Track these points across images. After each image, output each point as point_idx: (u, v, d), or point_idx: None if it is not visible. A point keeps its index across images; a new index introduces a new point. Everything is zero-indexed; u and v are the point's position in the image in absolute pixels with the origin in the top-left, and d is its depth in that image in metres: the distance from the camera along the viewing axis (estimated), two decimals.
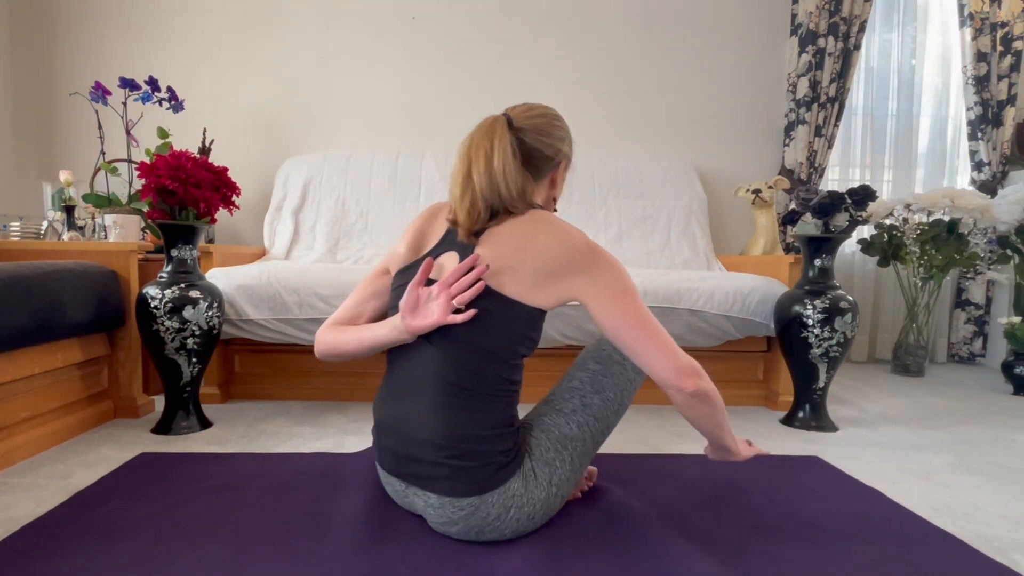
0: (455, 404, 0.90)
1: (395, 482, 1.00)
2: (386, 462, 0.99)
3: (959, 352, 2.98)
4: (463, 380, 0.91)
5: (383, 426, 0.98)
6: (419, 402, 0.92)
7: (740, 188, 2.50)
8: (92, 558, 0.89)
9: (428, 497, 0.94)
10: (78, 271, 1.49)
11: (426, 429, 0.91)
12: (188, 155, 1.49)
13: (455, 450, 0.89)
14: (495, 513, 0.92)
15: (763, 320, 1.86)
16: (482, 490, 0.90)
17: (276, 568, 0.88)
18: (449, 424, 0.90)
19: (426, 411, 0.91)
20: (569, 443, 0.97)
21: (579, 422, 0.99)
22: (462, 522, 0.93)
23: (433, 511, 0.95)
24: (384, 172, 2.52)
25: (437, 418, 0.91)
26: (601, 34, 2.76)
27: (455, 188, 0.95)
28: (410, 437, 0.93)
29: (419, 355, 0.94)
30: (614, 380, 1.02)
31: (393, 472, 0.99)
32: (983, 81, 2.78)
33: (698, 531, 1.03)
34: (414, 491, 0.97)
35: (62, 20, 2.61)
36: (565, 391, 1.03)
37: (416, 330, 0.90)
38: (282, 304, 1.74)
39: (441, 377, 0.91)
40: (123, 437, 1.51)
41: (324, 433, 1.59)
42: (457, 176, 0.95)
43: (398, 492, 1.02)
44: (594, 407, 1.00)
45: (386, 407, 0.98)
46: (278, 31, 2.67)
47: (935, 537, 1.03)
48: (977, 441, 1.65)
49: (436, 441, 0.90)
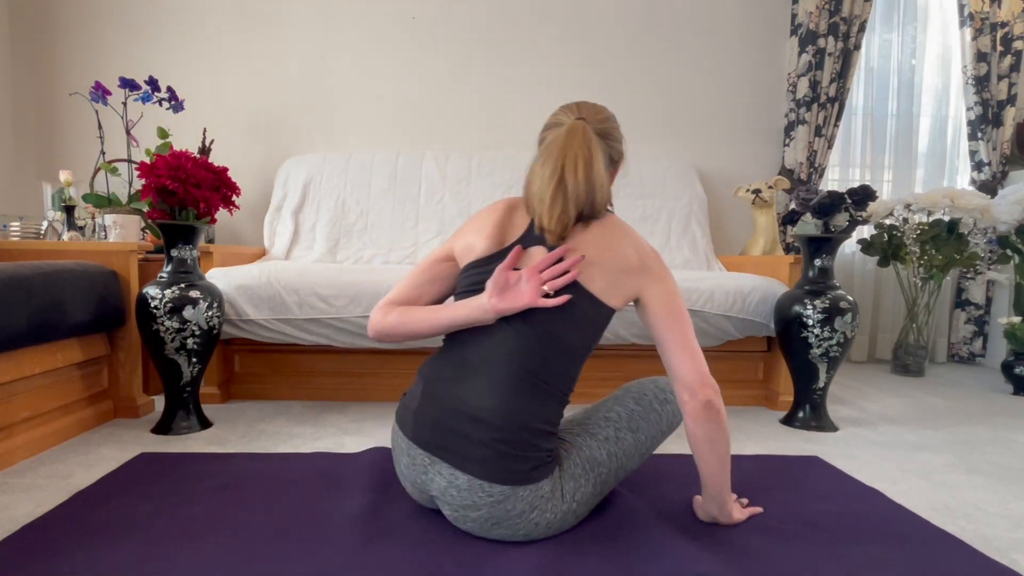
0: (519, 389, 0.93)
1: (420, 455, 0.96)
2: (420, 431, 0.96)
3: (959, 352, 2.98)
4: (533, 367, 0.93)
5: (432, 394, 0.96)
6: (483, 380, 0.93)
7: (740, 188, 2.50)
8: (92, 558, 0.89)
9: (456, 477, 0.92)
10: (78, 271, 1.49)
11: (484, 408, 0.91)
12: (188, 155, 1.49)
13: (506, 435, 0.91)
14: (519, 509, 0.92)
15: (763, 320, 1.86)
16: (517, 482, 0.91)
17: (276, 568, 0.88)
18: (509, 407, 0.91)
19: (488, 389, 0.92)
20: (596, 467, 1.00)
21: (609, 452, 1.02)
22: (485, 509, 0.92)
23: (457, 492, 0.93)
24: (384, 172, 2.52)
25: (498, 398, 0.92)
26: (601, 34, 2.76)
27: (543, 194, 0.95)
28: (461, 411, 0.92)
29: (493, 335, 0.95)
30: (649, 425, 1.06)
31: (424, 443, 0.95)
32: (983, 81, 2.78)
33: (698, 531, 1.03)
34: (441, 467, 0.94)
35: (62, 20, 2.61)
36: (601, 419, 1.05)
37: (503, 311, 0.92)
38: (282, 304, 1.74)
39: (512, 360, 0.93)
40: (123, 437, 1.51)
41: (324, 433, 1.59)
42: (546, 182, 0.95)
43: (417, 467, 0.97)
44: (626, 443, 1.04)
45: (441, 376, 0.97)
46: (278, 31, 2.67)
47: (935, 537, 1.03)
48: (977, 441, 1.65)
49: (491, 421, 0.91)
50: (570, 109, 1.02)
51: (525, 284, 0.92)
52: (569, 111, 1.01)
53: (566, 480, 0.97)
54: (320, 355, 1.94)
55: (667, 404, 1.09)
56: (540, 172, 0.96)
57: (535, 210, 0.97)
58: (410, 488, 1.03)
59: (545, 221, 0.95)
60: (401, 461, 1.01)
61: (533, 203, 0.97)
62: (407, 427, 0.98)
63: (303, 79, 2.69)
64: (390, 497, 1.13)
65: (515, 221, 1.02)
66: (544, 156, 0.97)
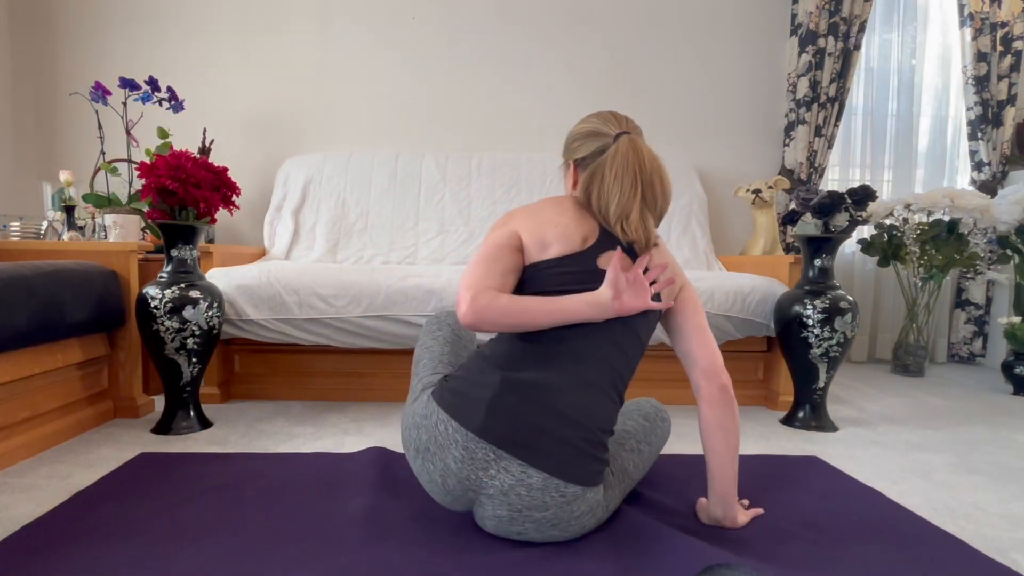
0: (604, 389, 0.95)
1: (484, 448, 0.90)
2: (495, 423, 0.90)
3: (959, 352, 2.98)
4: (620, 367, 0.97)
5: (515, 385, 0.92)
6: (574, 376, 0.93)
7: (740, 188, 2.50)
8: (92, 558, 0.89)
9: (529, 475, 0.89)
10: (78, 271, 1.49)
11: (574, 405, 0.92)
12: (188, 155, 1.49)
13: (589, 434, 0.92)
14: (581, 511, 0.93)
15: (763, 320, 1.86)
16: (589, 482, 0.92)
17: (276, 568, 0.88)
18: (594, 406, 0.93)
19: (579, 386, 0.93)
20: (625, 476, 1.04)
21: (634, 463, 1.07)
22: (553, 509, 0.91)
23: (527, 491, 0.89)
24: (384, 172, 2.52)
25: (588, 396, 0.93)
26: (601, 34, 2.76)
27: (626, 209, 0.98)
28: (552, 407, 0.91)
29: (590, 335, 0.96)
30: (656, 439, 1.13)
31: (497, 436, 0.89)
32: (983, 81, 2.78)
33: (698, 531, 1.02)
34: (510, 464, 0.89)
35: (62, 20, 2.61)
36: (622, 433, 1.09)
37: (624, 311, 0.95)
38: (282, 304, 1.74)
39: (605, 359, 0.95)
40: (123, 437, 1.51)
41: (324, 433, 1.59)
42: (627, 197, 0.98)
43: (476, 461, 0.90)
44: (643, 454, 1.09)
45: (524, 367, 0.94)
46: (278, 31, 2.67)
47: (935, 537, 1.03)
48: (977, 441, 1.65)
49: (579, 420, 0.91)
50: (608, 120, 1.04)
51: (638, 287, 0.96)
52: (610, 122, 1.03)
53: (607, 487, 1.00)
54: (320, 355, 1.94)
55: (664, 422, 1.16)
56: (616, 187, 0.98)
57: (613, 222, 1.00)
58: (451, 484, 0.93)
59: (632, 233, 0.98)
60: (448, 454, 0.91)
61: (608, 217, 1.00)
62: (469, 417, 0.91)
63: (303, 79, 2.69)
64: (390, 497, 1.13)
65: (588, 223, 1.02)
66: (615, 171, 0.98)
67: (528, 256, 0.99)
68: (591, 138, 1.03)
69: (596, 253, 1.00)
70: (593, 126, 1.04)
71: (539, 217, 1.01)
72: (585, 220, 1.02)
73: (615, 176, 0.98)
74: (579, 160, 1.05)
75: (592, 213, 1.02)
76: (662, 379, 1.98)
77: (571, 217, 1.01)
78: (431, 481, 0.95)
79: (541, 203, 1.04)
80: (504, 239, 0.99)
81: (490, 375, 0.94)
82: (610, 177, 0.99)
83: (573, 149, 1.06)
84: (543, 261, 0.98)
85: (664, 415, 1.17)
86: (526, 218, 1.02)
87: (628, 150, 0.99)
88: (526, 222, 1.01)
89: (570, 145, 1.07)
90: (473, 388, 0.93)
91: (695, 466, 1.35)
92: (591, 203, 1.02)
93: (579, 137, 1.05)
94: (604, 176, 0.99)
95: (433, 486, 0.95)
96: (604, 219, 1.01)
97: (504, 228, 1.01)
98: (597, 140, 1.03)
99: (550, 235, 0.99)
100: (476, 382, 0.94)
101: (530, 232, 1.00)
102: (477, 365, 0.97)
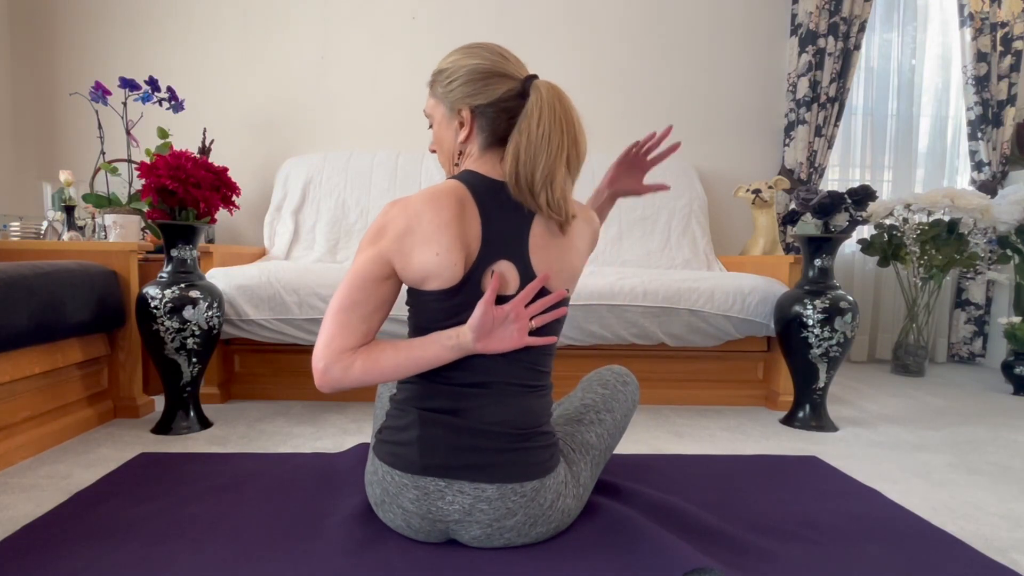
0: (522, 390, 0.93)
1: (431, 482, 0.88)
2: (430, 459, 0.88)
3: (959, 352, 2.98)
4: (533, 360, 0.94)
5: (433, 419, 0.89)
6: (483, 399, 0.90)
7: (740, 188, 2.50)
8: (92, 558, 0.89)
9: (483, 489, 0.88)
10: (78, 271, 1.49)
11: (496, 420, 0.90)
12: (188, 155, 1.49)
13: (525, 433, 0.91)
14: (549, 499, 0.93)
15: (763, 320, 1.86)
16: (543, 472, 0.91)
17: (276, 568, 0.88)
18: (517, 409, 0.92)
19: (494, 404, 0.91)
20: (589, 450, 1.04)
21: (597, 433, 1.06)
22: (521, 511, 0.89)
23: (488, 505, 0.88)
24: (384, 172, 2.52)
25: (505, 405, 0.91)
26: (601, 34, 2.76)
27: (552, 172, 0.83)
28: (474, 428, 0.89)
29: (478, 365, 0.90)
30: (619, 404, 1.11)
31: (436, 468, 0.88)
32: (983, 81, 2.78)
33: (698, 531, 1.02)
34: (462, 486, 0.88)
35: (62, 20, 2.61)
36: (579, 408, 1.09)
37: (493, 351, 0.87)
38: (282, 304, 1.74)
39: (511, 372, 0.92)
40: (123, 437, 1.51)
41: (324, 433, 1.59)
42: (556, 157, 0.83)
43: (430, 495, 0.89)
44: (607, 423, 1.08)
45: (439, 398, 0.90)
46: (278, 31, 2.67)
47: (935, 537, 1.03)
48: (977, 441, 1.65)
49: (507, 431, 0.90)
50: (504, 56, 0.88)
51: (512, 324, 0.86)
52: (510, 60, 0.89)
53: (571, 464, 1.00)
54: None
55: (627, 385, 1.14)
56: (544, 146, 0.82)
57: (537, 190, 0.84)
58: (416, 524, 0.92)
59: (555, 203, 0.85)
60: (403, 499, 0.90)
61: (533, 184, 0.84)
62: (407, 461, 0.89)
63: (303, 79, 2.69)
64: None
65: (470, 225, 0.86)
66: (543, 127, 0.82)
67: (406, 280, 0.88)
68: (495, 80, 0.86)
69: (479, 274, 0.87)
70: (492, 63, 0.87)
71: (415, 236, 0.84)
72: (468, 220, 0.86)
73: (543, 133, 0.82)
74: (479, 107, 0.88)
75: (476, 202, 0.87)
76: (662, 379, 1.98)
77: (451, 232, 0.84)
78: (398, 527, 0.96)
79: (418, 210, 0.85)
80: (370, 270, 0.85)
81: (408, 416, 0.91)
82: (537, 133, 0.82)
83: (469, 93, 0.87)
84: (424, 292, 0.88)
85: (626, 378, 1.14)
86: (398, 239, 0.85)
87: (553, 99, 0.84)
88: (396, 245, 0.85)
89: (460, 87, 0.88)
90: (399, 433, 0.91)
91: (695, 466, 1.35)
92: (508, 166, 0.85)
93: (476, 77, 0.87)
94: (530, 132, 0.83)
95: (402, 530, 0.95)
96: (525, 186, 0.85)
97: (373, 250, 0.86)
98: (503, 83, 0.86)
99: (429, 265, 0.84)
100: (399, 427, 0.92)
101: (404, 261, 0.85)
102: (396, 410, 0.94)
